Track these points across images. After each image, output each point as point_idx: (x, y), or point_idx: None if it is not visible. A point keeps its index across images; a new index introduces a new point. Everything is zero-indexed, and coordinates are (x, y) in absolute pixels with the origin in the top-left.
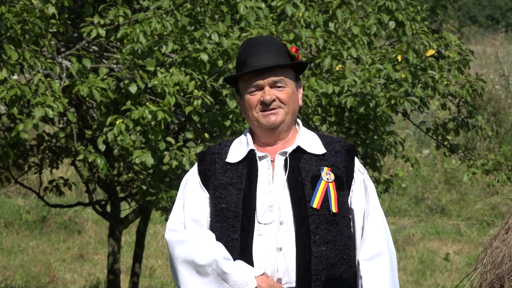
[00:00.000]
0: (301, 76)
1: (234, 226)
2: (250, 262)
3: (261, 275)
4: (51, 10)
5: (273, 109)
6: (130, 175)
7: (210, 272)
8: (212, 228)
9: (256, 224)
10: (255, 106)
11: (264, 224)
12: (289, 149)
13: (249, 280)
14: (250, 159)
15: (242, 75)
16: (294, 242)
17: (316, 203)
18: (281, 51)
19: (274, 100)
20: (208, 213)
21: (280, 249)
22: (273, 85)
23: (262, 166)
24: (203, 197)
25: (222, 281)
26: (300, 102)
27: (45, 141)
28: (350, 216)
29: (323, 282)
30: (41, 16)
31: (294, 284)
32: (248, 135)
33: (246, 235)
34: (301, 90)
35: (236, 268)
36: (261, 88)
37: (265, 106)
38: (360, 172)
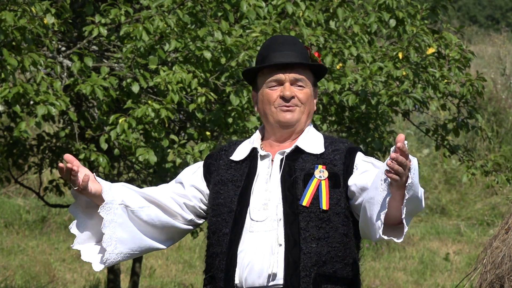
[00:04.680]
0: None
1: (226, 221)
2: (235, 257)
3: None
4: (51, 20)
5: (291, 106)
6: (130, 174)
7: None
8: (209, 222)
9: (248, 220)
10: (274, 101)
11: (257, 221)
12: (288, 149)
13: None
14: (252, 158)
15: (263, 69)
16: (283, 240)
17: (306, 201)
18: (304, 53)
19: (293, 97)
20: (180, 199)
21: (280, 245)
22: (294, 83)
23: (263, 165)
24: (197, 184)
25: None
26: (314, 108)
27: (45, 141)
28: (347, 213)
29: (312, 279)
30: (40, 24)
31: (282, 281)
32: (258, 133)
33: (236, 230)
34: (316, 97)
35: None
36: (281, 83)
37: (285, 101)
38: (366, 162)
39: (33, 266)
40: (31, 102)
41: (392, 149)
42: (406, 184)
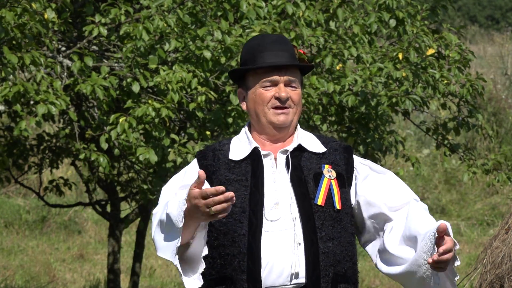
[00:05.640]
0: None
1: (241, 222)
2: (258, 257)
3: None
4: (51, 15)
5: (285, 108)
6: (130, 174)
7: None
8: (218, 222)
9: (264, 220)
10: (268, 102)
11: (271, 221)
12: (290, 147)
13: (180, 214)
14: (255, 157)
15: (255, 68)
16: (302, 239)
17: (320, 200)
18: (293, 52)
19: (288, 99)
20: None
21: (299, 244)
22: (288, 84)
23: (266, 164)
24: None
25: (171, 224)
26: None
27: (45, 141)
28: (353, 213)
29: (331, 278)
30: (40, 20)
31: (304, 280)
32: (248, 132)
33: (254, 231)
34: None
35: (172, 207)
36: (275, 84)
37: (280, 103)
38: (363, 165)
39: (33, 266)
40: (31, 102)
41: (433, 235)
42: (455, 265)
